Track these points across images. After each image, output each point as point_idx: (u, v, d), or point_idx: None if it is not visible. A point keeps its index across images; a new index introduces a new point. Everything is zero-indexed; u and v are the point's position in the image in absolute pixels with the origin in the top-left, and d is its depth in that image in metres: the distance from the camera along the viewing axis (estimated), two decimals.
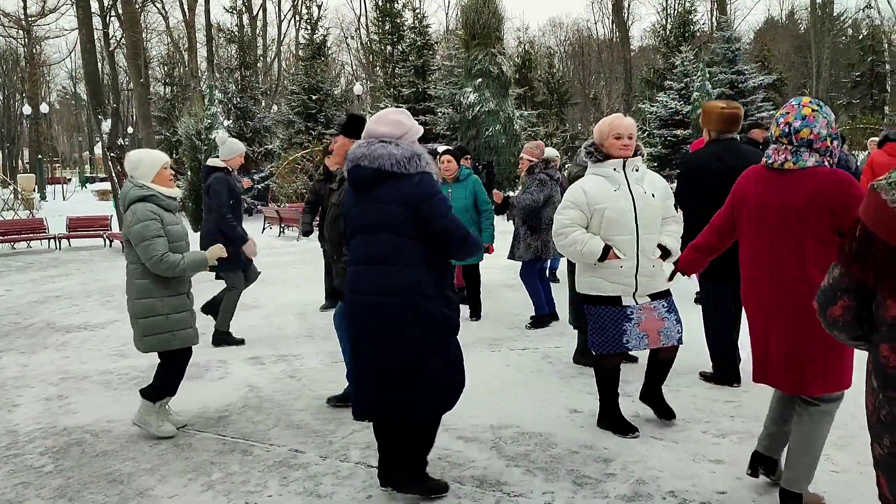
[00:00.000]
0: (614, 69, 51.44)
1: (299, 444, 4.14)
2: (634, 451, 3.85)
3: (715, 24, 32.43)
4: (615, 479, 3.52)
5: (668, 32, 29.68)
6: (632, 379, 4.86)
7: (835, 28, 41.08)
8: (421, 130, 3.35)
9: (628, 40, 41.29)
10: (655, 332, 3.95)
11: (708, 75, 19.58)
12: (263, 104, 29.67)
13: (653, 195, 3.96)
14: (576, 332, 5.56)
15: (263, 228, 17.89)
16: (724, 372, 4.87)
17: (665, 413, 4.27)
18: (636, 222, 3.89)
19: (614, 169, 3.93)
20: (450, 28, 50.81)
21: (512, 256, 6.73)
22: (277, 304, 8.57)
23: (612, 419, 4.16)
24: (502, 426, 4.28)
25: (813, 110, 3.06)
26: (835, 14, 40.99)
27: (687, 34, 27.65)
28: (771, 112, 21.21)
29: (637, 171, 3.98)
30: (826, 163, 3.06)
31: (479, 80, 17.61)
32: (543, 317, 6.80)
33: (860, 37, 39.69)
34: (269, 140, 25.20)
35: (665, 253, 4.01)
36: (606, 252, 3.87)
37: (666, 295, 4.07)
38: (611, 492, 3.39)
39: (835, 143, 3.09)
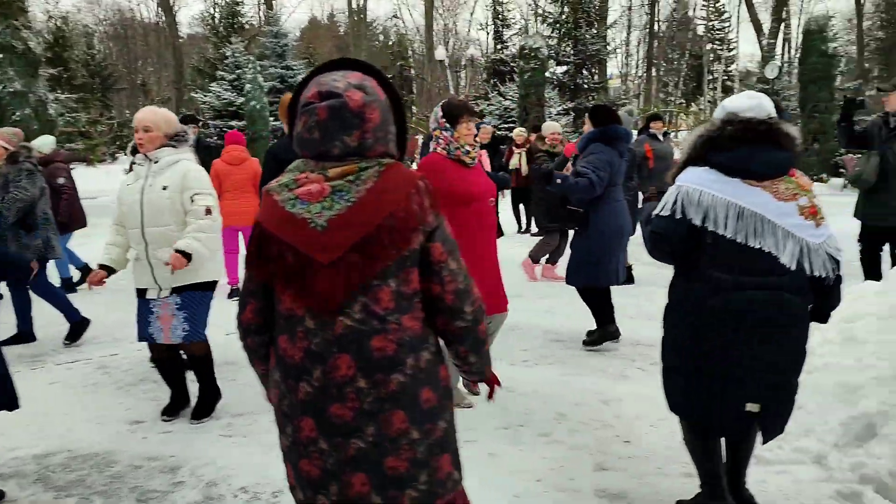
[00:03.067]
0: (163, 55, 49.14)
1: None
2: (204, 453, 3.72)
3: (263, 18, 33.14)
4: (184, 487, 3.35)
5: (217, 22, 29.44)
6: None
7: (370, 33, 45.48)
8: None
9: (176, 26, 39.81)
10: (167, 328, 4.03)
11: (259, 68, 19.95)
12: None
13: (163, 188, 3.90)
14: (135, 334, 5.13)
15: None
16: None
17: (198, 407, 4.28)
18: (142, 216, 3.90)
19: (139, 163, 3.98)
20: None
21: None
22: None
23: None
24: (49, 454, 3.75)
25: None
26: (368, 20, 45.36)
27: (236, 25, 27.75)
28: None
29: (157, 163, 3.94)
30: (438, 148, 3.90)
31: (1, 56, 15.13)
32: (81, 322, 5.91)
33: (389, 42, 44.66)
34: None
35: (185, 256, 3.79)
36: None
37: (191, 289, 4.01)
38: (179, 500, 3.22)
39: (444, 133, 3.89)
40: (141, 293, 4.04)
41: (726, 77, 41.39)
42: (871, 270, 5.95)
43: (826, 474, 3.19)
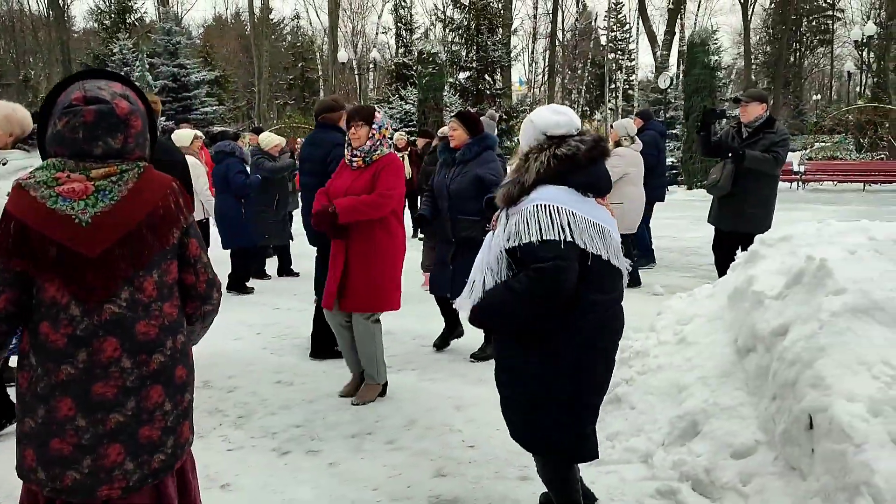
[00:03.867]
0: (54, 51, 46.73)
1: None
2: None
3: (160, 14, 31.98)
4: None
5: (108, 17, 28.22)
6: None
7: (275, 33, 44.66)
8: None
9: (65, 20, 37.95)
10: None
11: (149, 66, 19.22)
12: None
13: (8, 194, 3.67)
14: None
15: None
16: None
17: None
18: None
19: None
20: None
21: None
22: None
23: None
24: None
25: None
26: (273, 21, 44.52)
27: (127, 21, 26.66)
28: (215, 108, 21.91)
29: (4, 164, 3.72)
30: None
31: None
32: None
33: (297, 44, 43.98)
34: None
35: None
36: None
37: None
38: None
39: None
40: None
41: (627, 86, 42.80)
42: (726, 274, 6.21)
43: (650, 473, 3.28)
